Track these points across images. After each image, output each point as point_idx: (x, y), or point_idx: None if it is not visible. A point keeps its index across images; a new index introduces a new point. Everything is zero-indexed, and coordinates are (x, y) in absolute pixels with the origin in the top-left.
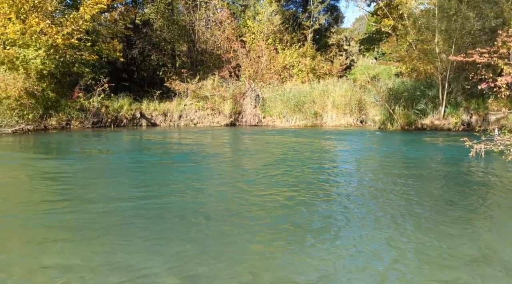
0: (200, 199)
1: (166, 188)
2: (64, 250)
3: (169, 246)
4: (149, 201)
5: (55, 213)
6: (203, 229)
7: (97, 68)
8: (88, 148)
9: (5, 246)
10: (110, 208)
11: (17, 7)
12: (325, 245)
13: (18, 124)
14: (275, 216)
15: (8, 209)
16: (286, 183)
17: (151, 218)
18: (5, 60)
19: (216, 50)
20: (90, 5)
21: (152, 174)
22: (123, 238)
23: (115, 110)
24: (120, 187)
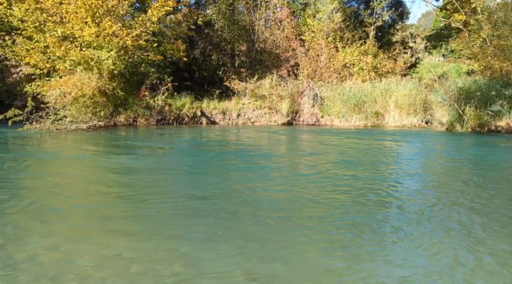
0: (258, 198)
1: (226, 185)
2: (128, 243)
3: (229, 244)
4: (209, 198)
5: (121, 206)
6: (262, 228)
7: (161, 68)
8: (152, 145)
9: (75, 237)
10: (172, 204)
11: (93, 12)
12: (385, 251)
13: (91, 121)
14: (334, 218)
15: (78, 201)
16: (346, 184)
17: (212, 215)
18: (81, 61)
19: (275, 49)
20: (157, 8)
21: (212, 172)
22: (185, 234)
23: (177, 108)
24: (182, 184)
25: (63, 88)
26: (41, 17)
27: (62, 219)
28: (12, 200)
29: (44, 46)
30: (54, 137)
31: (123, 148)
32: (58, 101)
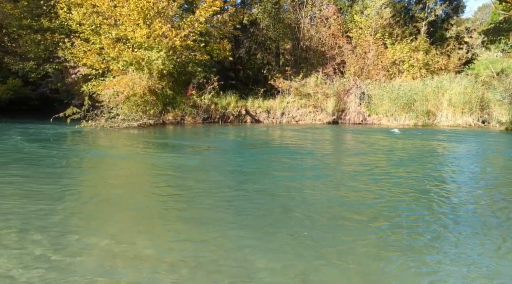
0: (306, 198)
1: (272, 185)
2: (180, 236)
3: (278, 243)
4: (257, 197)
5: (172, 202)
6: (309, 228)
7: (208, 67)
8: (199, 144)
9: (131, 231)
10: (220, 202)
11: (144, 14)
12: (438, 255)
13: (141, 119)
14: (386, 220)
15: (133, 196)
16: (397, 186)
17: (260, 214)
18: (133, 61)
19: (320, 47)
20: (205, 8)
21: (258, 171)
22: (235, 231)
23: (223, 107)
24: (229, 183)
25: (116, 87)
26: (97, 20)
27: (119, 212)
28: (75, 193)
29: (99, 47)
30: (107, 134)
31: (172, 146)
32: (111, 100)
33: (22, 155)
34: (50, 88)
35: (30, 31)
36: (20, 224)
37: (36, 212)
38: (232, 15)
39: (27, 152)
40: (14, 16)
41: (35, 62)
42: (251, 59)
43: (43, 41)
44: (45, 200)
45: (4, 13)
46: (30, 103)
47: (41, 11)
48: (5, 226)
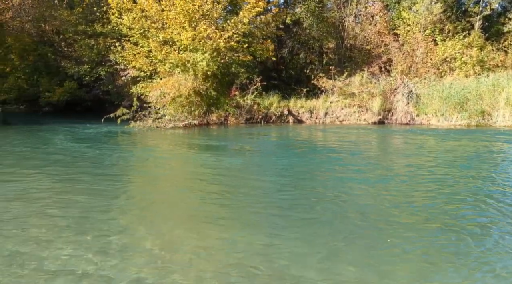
0: (349, 200)
1: (315, 186)
2: (223, 235)
3: (319, 245)
4: (299, 198)
5: (216, 202)
6: (353, 231)
7: (250, 68)
8: (242, 144)
9: (178, 231)
10: (263, 203)
11: (190, 17)
12: (493, 265)
13: (187, 119)
14: (435, 223)
15: (178, 194)
16: (449, 191)
17: (302, 214)
18: (179, 63)
19: (365, 45)
20: (249, 10)
21: (301, 172)
22: (277, 231)
23: (265, 107)
24: (272, 184)
25: (163, 89)
26: (146, 24)
27: (167, 211)
28: (125, 191)
29: (147, 50)
30: (154, 134)
31: (216, 146)
32: (158, 101)
33: (76, 154)
34: (102, 90)
35: (84, 36)
36: (75, 220)
37: (90, 208)
38: (275, 16)
39: (81, 151)
40: (70, 23)
41: (89, 66)
42: (294, 59)
43: (96, 45)
44: (98, 197)
45: (61, 20)
46: (84, 104)
47: (95, 17)
48: (63, 221)
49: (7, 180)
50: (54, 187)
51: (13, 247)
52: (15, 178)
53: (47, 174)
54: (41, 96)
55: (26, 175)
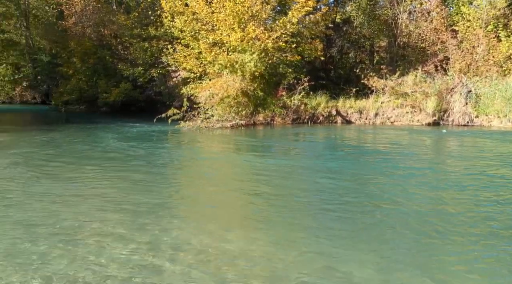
0: (400, 206)
1: (364, 189)
2: (268, 237)
3: (368, 250)
4: (346, 201)
5: (261, 203)
6: (404, 238)
7: (298, 68)
8: (288, 145)
9: (226, 230)
10: (310, 205)
11: (239, 18)
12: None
13: (234, 119)
14: (493, 238)
15: (224, 194)
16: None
17: (350, 218)
18: (227, 64)
19: (420, 43)
20: (298, 9)
21: (350, 175)
22: (323, 234)
23: (312, 107)
24: (319, 186)
25: (212, 89)
26: (196, 26)
27: (215, 210)
28: (173, 189)
29: (198, 52)
30: (203, 133)
31: (262, 146)
32: (207, 101)
33: (129, 152)
34: (154, 91)
35: (139, 39)
36: (127, 216)
37: (141, 205)
38: (325, 14)
39: (133, 150)
40: (127, 27)
41: (142, 68)
42: (343, 58)
43: (149, 48)
44: (149, 195)
45: (118, 24)
46: (138, 104)
47: (149, 20)
48: (116, 216)
49: (65, 177)
50: (108, 184)
51: (67, 241)
52: (72, 175)
53: (101, 171)
54: (99, 97)
55: (82, 172)
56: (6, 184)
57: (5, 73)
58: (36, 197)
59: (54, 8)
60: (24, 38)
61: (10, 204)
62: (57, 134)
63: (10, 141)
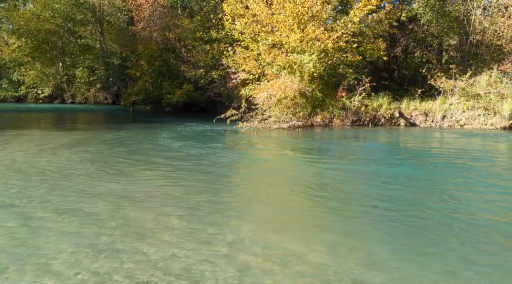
0: (474, 216)
1: (435, 201)
2: (325, 242)
3: (436, 262)
4: (413, 210)
5: (314, 207)
6: (479, 252)
7: (359, 68)
8: (348, 148)
9: (274, 229)
10: (371, 213)
11: (299, 19)
12: None
13: (291, 121)
14: None
15: (276, 196)
16: None
17: (417, 228)
18: (286, 65)
19: (496, 40)
20: (360, 8)
21: (415, 183)
22: (385, 242)
23: (373, 109)
24: (378, 193)
25: (270, 91)
26: (256, 28)
27: (268, 212)
28: (230, 189)
29: (257, 54)
30: (260, 134)
31: (319, 149)
32: (265, 102)
33: (191, 151)
34: (214, 92)
35: (201, 42)
36: (183, 215)
37: (198, 205)
38: (389, 13)
39: (192, 149)
40: (190, 30)
41: (204, 70)
42: (408, 57)
43: (211, 50)
44: (206, 194)
45: (182, 28)
46: (199, 105)
47: (211, 24)
48: (172, 214)
49: (130, 174)
50: (169, 182)
51: (121, 239)
52: (137, 172)
53: (164, 169)
54: (163, 98)
55: (146, 170)
56: (77, 179)
57: (82, 75)
58: (104, 192)
59: (125, 14)
60: (99, 43)
61: (79, 198)
62: (125, 132)
63: (84, 139)
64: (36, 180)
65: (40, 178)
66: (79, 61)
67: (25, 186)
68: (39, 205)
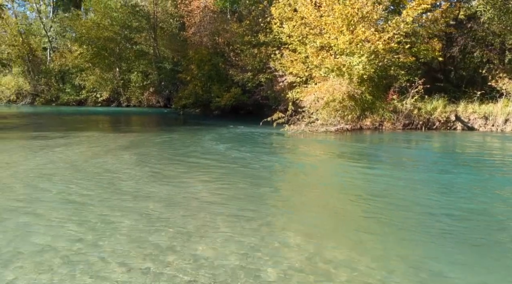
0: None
1: (498, 212)
2: (374, 252)
3: (485, 276)
4: (462, 220)
5: (369, 215)
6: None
7: (412, 70)
8: (398, 153)
9: (321, 235)
10: (422, 223)
11: (348, 20)
12: None
13: (339, 124)
14: None
15: (324, 202)
16: None
17: (464, 240)
18: (334, 68)
19: None
20: (414, 7)
21: (470, 192)
22: (432, 253)
23: (427, 112)
24: (429, 203)
25: (317, 93)
26: (304, 31)
27: (308, 217)
28: (274, 193)
29: (304, 56)
30: (306, 137)
31: (369, 154)
32: (312, 105)
33: (237, 155)
34: (261, 95)
35: (249, 46)
36: (227, 217)
37: (242, 208)
38: (445, 11)
39: (242, 153)
40: (239, 34)
41: (251, 73)
42: (466, 58)
43: (258, 54)
44: (250, 198)
45: (231, 32)
46: (246, 108)
47: (259, 27)
48: (216, 216)
49: (178, 177)
50: (215, 186)
51: (168, 239)
52: (184, 175)
53: (211, 172)
54: (212, 101)
55: (193, 172)
56: (130, 180)
57: (136, 80)
58: (154, 194)
59: (177, 20)
60: (152, 48)
61: (132, 198)
62: (175, 134)
63: (138, 141)
64: (94, 179)
65: (97, 178)
66: (134, 66)
67: (84, 185)
68: (96, 204)
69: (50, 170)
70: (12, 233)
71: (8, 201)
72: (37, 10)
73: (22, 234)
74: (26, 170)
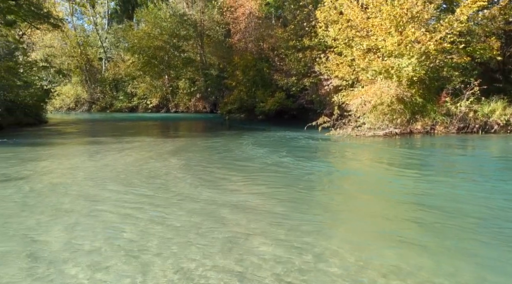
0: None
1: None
2: (421, 262)
3: None
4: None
5: (413, 224)
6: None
7: (467, 70)
8: (453, 159)
9: (370, 241)
10: (473, 236)
11: (397, 21)
12: None
13: (387, 128)
14: None
15: (370, 211)
16: None
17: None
18: (382, 70)
19: None
20: (468, 5)
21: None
22: (500, 269)
23: (484, 115)
24: (486, 215)
25: (364, 97)
26: (350, 33)
27: (356, 224)
28: (319, 199)
29: (350, 59)
30: (353, 142)
31: (420, 160)
32: (358, 109)
33: (282, 160)
34: (306, 100)
35: (294, 50)
36: (273, 221)
37: (287, 212)
38: (504, 8)
39: (287, 158)
40: (283, 39)
41: (296, 77)
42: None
43: (303, 58)
44: (296, 203)
45: (276, 38)
46: (290, 112)
47: (304, 32)
48: (264, 219)
49: (223, 183)
50: (259, 190)
51: (212, 241)
52: (229, 182)
53: (253, 177)
54: (256, 106)
55: (235, 176)
56: (178, 184)
57: (184, 87)
58: (199, 197)
59: (223, 27)
60: (199, 55)
61: (179, 201)
62: (221, 139)
63: (185, 146)
64: (145, 182)
65: (147, 181)
66: (182, 73)
67: (135, 188)
68: (149, 206)
69: (105, 173)
70: (70, 233)
71: (67, 203)
72: (93, 23)
73: (79, 234)
74: (85, 173)
